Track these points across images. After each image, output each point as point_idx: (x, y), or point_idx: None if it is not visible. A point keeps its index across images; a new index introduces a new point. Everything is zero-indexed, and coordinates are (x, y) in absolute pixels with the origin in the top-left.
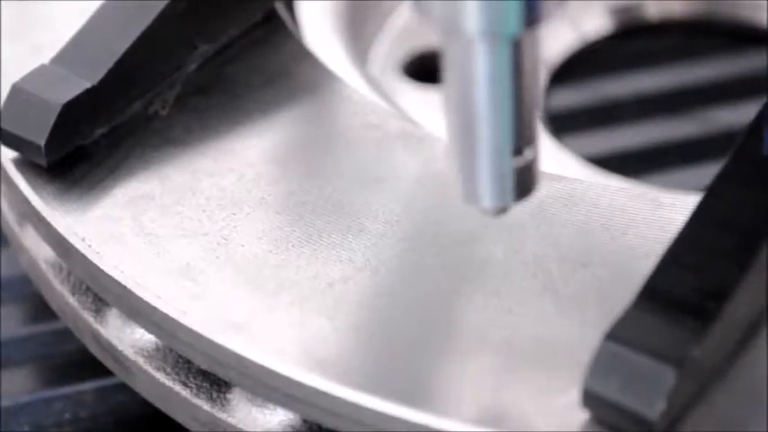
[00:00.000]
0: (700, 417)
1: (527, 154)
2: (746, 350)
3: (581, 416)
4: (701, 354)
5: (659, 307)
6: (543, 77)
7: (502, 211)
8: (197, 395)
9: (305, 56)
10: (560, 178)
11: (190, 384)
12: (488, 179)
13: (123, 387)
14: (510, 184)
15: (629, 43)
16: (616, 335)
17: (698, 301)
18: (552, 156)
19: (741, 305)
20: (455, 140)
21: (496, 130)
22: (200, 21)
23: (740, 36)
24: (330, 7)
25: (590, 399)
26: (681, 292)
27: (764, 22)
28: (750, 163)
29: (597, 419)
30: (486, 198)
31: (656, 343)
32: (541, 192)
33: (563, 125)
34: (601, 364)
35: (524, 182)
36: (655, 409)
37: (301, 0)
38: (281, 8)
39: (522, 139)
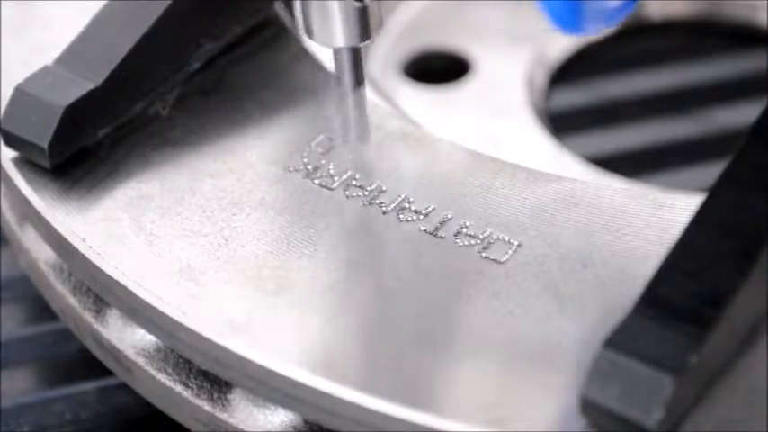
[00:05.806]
0: (700, 417)
1: (366, 1)
2: (747, 352)
3: (582, 417)
4: (700, 361)
5: (658, 314)
6: None
7: (354, 53)
8: (198, 395)
9: (305, 56)
10: (560, 178)
11: (191, 385)
12: (338, 22)
13: (124, 387)
14: (355, 26)
15: (629, 43)
16: (615, 342)
17: (697, 307)
18: (552, 156)
19: (741, 311)
20: None
21: None
22: (204, 19)
23: (740, 36)
24: None
25: (588, 406)
26: (680, 299)
27: (764, 22)
28: (751, 168)
29: (596, 426)
30: (339, 39)
31: (654, 350)
32: (542, 192)
33: (563, 125)
34: (599, 372)
35: (366, 25)
36: (653, 418)
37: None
38: (280, 8)
39: None
